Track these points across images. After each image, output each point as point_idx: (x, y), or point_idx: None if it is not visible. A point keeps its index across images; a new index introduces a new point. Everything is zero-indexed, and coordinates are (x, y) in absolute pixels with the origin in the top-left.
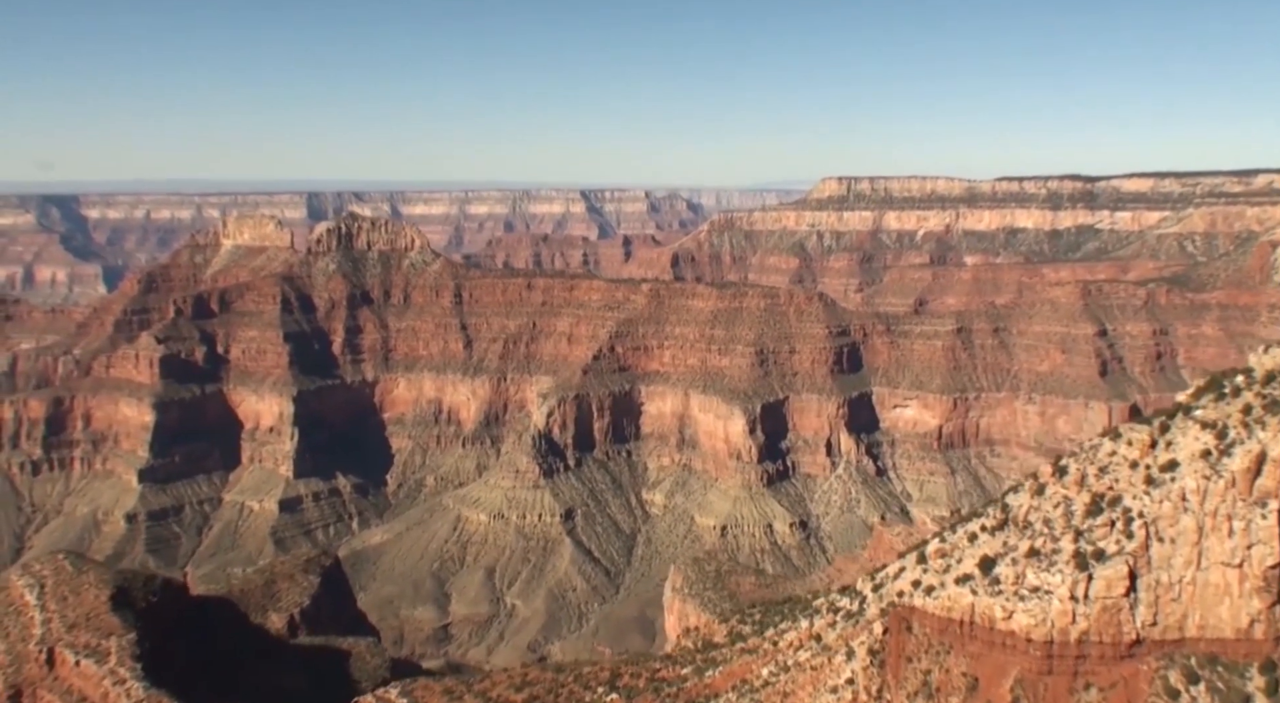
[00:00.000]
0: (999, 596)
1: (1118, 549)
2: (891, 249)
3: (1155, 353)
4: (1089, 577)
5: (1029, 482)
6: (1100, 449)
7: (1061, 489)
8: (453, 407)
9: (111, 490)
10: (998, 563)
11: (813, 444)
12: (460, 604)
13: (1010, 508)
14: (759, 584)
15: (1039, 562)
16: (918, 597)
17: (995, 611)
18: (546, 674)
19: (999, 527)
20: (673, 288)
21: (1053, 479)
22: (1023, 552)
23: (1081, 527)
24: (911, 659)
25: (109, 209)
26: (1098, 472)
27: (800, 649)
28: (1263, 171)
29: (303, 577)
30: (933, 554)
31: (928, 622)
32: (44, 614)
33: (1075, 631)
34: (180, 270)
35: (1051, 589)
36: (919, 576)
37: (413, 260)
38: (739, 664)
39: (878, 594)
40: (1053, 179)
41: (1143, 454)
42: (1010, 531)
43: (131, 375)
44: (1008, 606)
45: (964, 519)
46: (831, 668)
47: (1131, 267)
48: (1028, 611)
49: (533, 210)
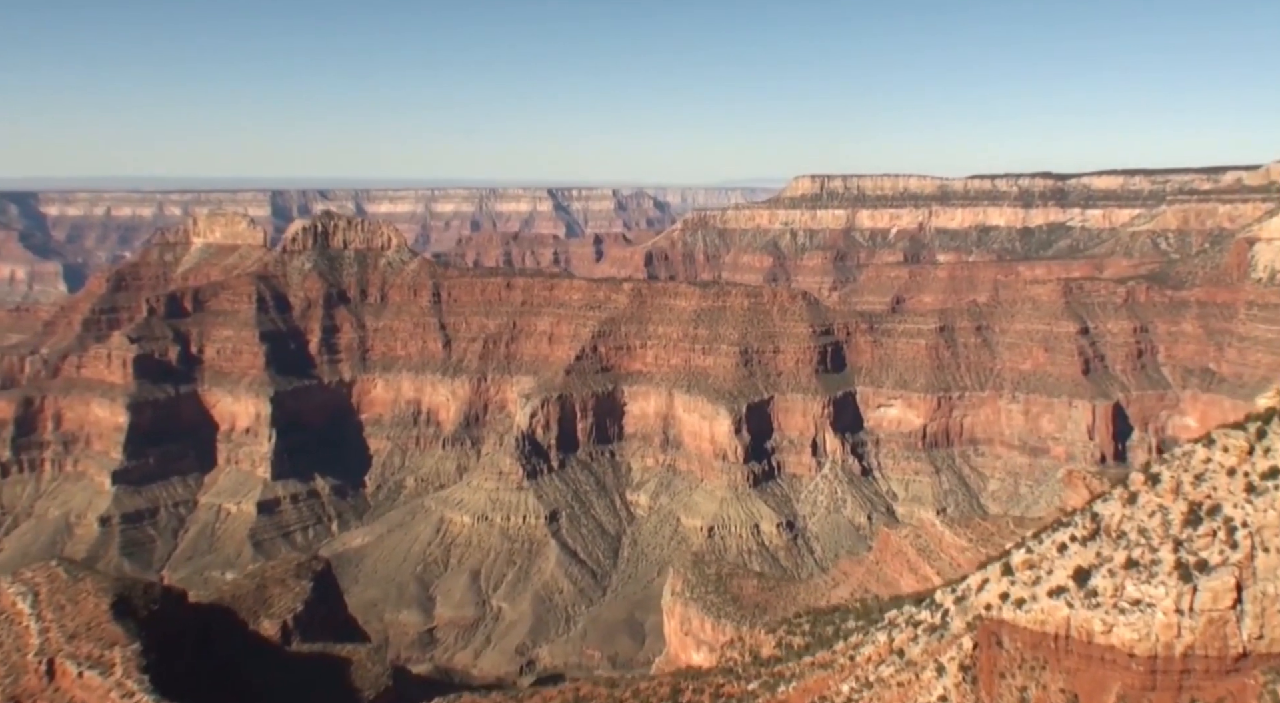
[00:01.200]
0: (1097, 609)
1: (1222, 560)
2: (865, 247)
3: (1136, 351)
4: (1194, 589)
5: (1118, 490)
6: (1194, 456)
7: (1155, 498)
8: (432, 407)
9: (84, 492)
10: (1093, 575)
11: (798, 444)
12: (445, 607)
13: (1101, 517)
14: (761, 587)
15: (1138, 573)
16: (1007, 610)
17: (1094, 624)
18: (600, 690)
19: (1090, 537)
20: (655, 287)
21: (1145, 487)
22: (1119, 563)
23: (1181, 537)
24: (1005, 676)
25: (68, 206)
26: (1193, 479)
27: (882, 665)
28: (1230, 169)
29: (295, 582)
30: (1019, 565)
31: (1020, 636)
32: (40, 624)
33: (1180, 645)
34: (150, 269)
35: (1154, 602)
36: (1006, 588)
37: (389, 259)
38: (814, 680)
39: (961, 607)
40: (1024, 177)
41: (1240, 461)
42: (1103, 541)
43: (104, 376)
44: (1108, 619)
45: (1048, 528)
46: (920, 685)
47: (1107, 264)
48: (1130, 624)
49: (499, 209)
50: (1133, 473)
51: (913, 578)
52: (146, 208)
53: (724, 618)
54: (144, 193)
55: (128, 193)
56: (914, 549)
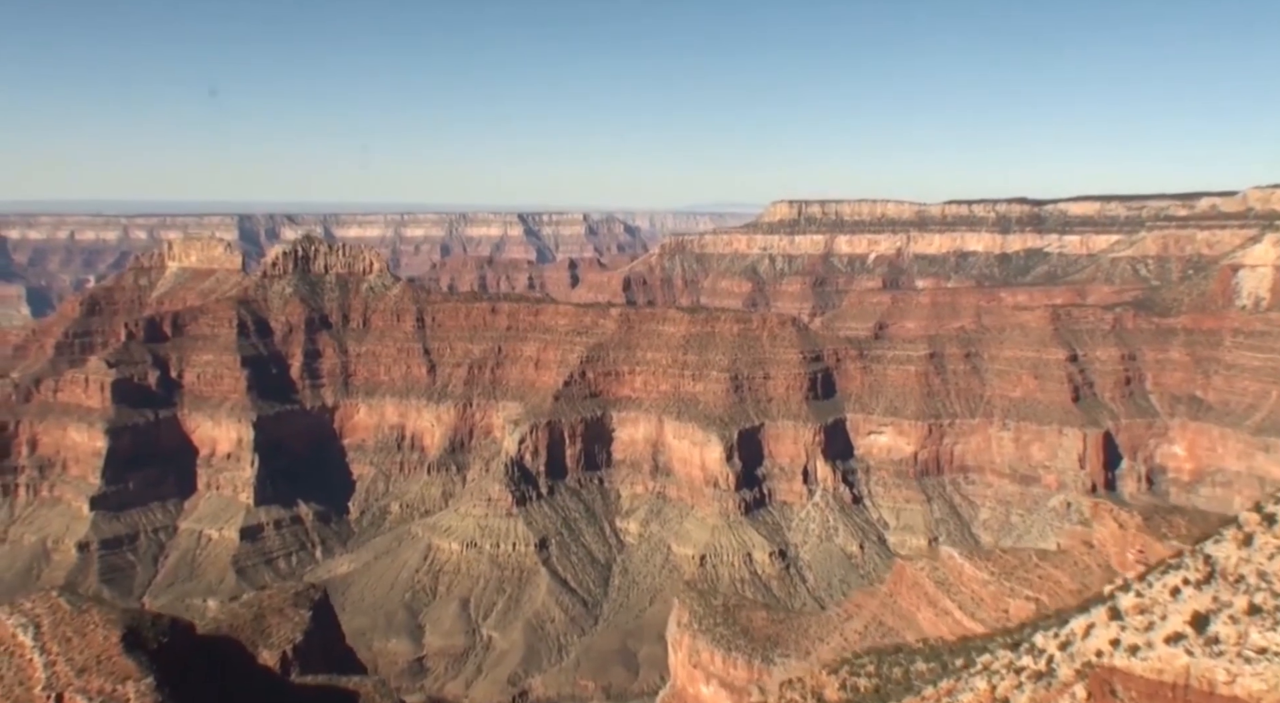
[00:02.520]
0: (1220, 657)
1: None
2: (843, 273)
3: (1125, 378)
4: None
5: (1232, 531)
6: None
7: (1274, 539)
8: (416, 433)
9: (61, 518)
10: (1212, 620)
11: (789, 472)
12: (435, 636)
13: (1215, 560)
14: (771, 620)
15: (1262, 620)
16: (1120, 657)
17: (1217, 674)
18: None
19: (1205, 580)
20: (643, 312)
21: (1261, 528)
22: (1241, 609)
23: None
24: None
25: (30, 229)
26: None
27: None
28: (1205, 195)
29: (293, 611)
30: (1130, 609)
31: (1134, 685)
32: (45, 657)
33: None
34: (125, 293)
35: None
36: (1117, 633)
37: (371, 284)
38: None
39: (1067, 653)
40: (1001, 202)
41: None
42: (1219, 584)
43: (81, 400)
44: (1231, 668)
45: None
46: None
47: (1089, 290)
48: (1256, 674)
49: (470, 233)
50: (1244, 513)
51: (931, 611)
52: (111, 231)
53: (735, 651)
54: (108, 216)
55: (91, 216)
56: (932, 582)
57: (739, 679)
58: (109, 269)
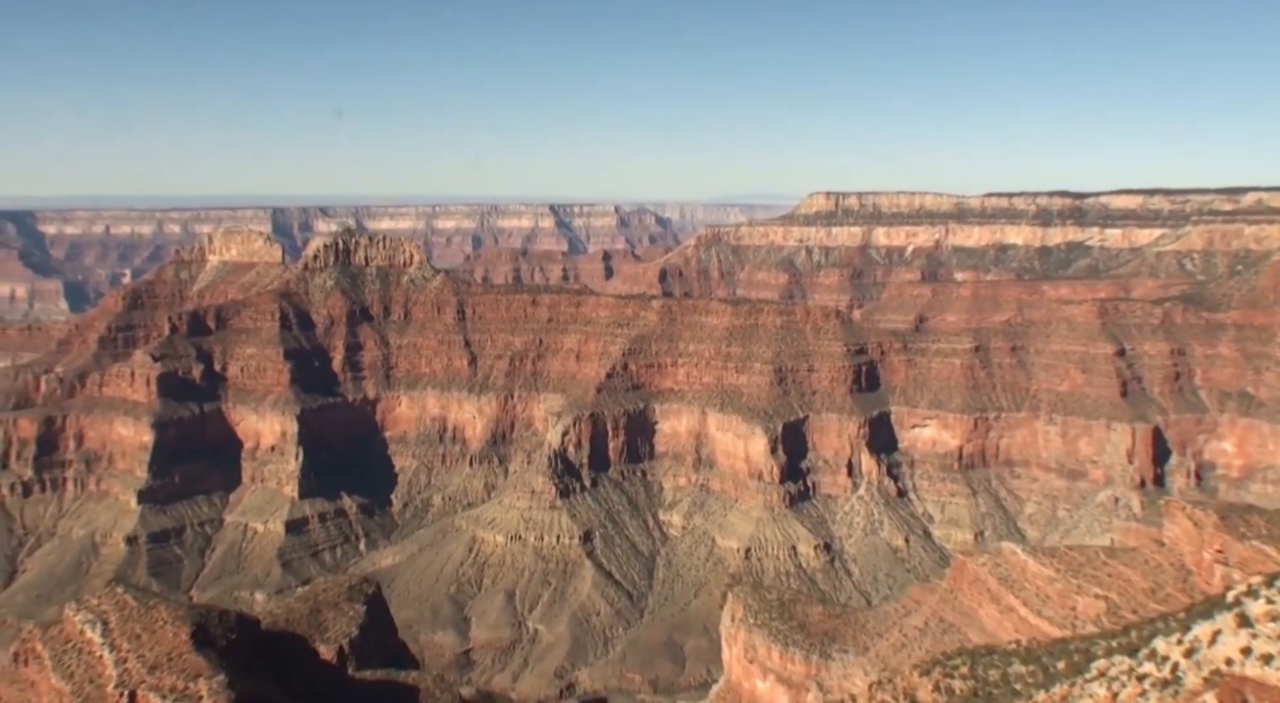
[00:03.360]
0: None
1: None
2: (881, 265)
3: (1174, 373)
4: None
5: None
6: None
7: None
8: (458, 425)
9: (108, 512)
10: None
11: (833, 465)
12: (481, 629)
13: None
14: (827, 614)
15: None
16: (1252, 666)
17: None
18: None
19: None
20: (685, 304)
21: None
22: None
23: None
24: None
25: (66, 225)
26: None
27: None
28: (1251, 190)
29: (348, 605)
30: (1260, 617)
31: (1268, 696)
32: (116, 654)
33: None
34: (166, 287)
35: None
36: (1247, 641)
37: (411, 276)
38: None
39: (1193, 660)
40: (1041, 195)
41: None
42: None
43: (127, 394)
44: None
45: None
46: None
47: (1134, 284)
48: None
49: (501, 225)
50: None
51: (994, 608)
52: (146, 225)
53: (792, 646)
54: (142, 211)
55: (126, 211)
56: (994, 578)
57: (796, 675)
58: (145, 263)
